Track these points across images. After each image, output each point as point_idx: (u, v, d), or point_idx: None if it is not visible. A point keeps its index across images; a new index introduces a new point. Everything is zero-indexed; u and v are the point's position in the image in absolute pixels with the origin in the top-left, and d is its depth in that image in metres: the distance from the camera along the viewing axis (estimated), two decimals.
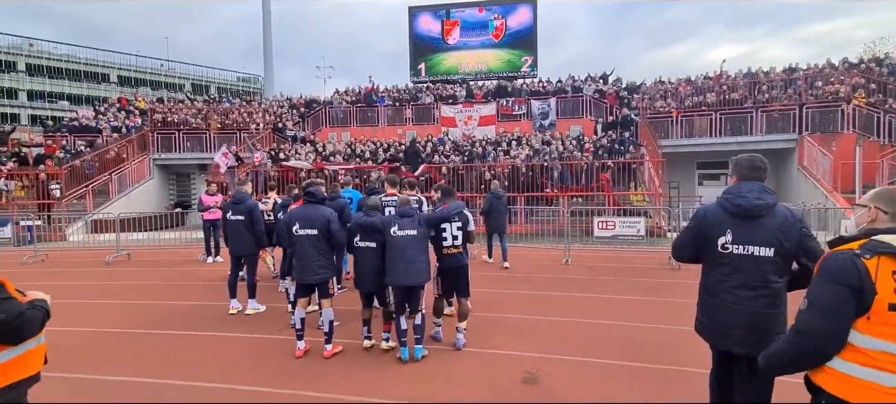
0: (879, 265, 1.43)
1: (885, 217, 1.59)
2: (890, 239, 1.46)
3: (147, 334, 5.18)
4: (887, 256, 1.43)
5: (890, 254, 1.42)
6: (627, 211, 11.07)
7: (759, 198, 2.30)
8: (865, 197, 1.71)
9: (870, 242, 1.48)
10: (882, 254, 1.43)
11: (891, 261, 1.43)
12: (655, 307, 5.95)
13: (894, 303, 1.39)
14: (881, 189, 1.68)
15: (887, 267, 1.42)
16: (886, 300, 1.40)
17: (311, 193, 4.31)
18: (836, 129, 14.03)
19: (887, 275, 1.41)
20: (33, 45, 48.40)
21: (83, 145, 17.58)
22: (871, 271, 1.43)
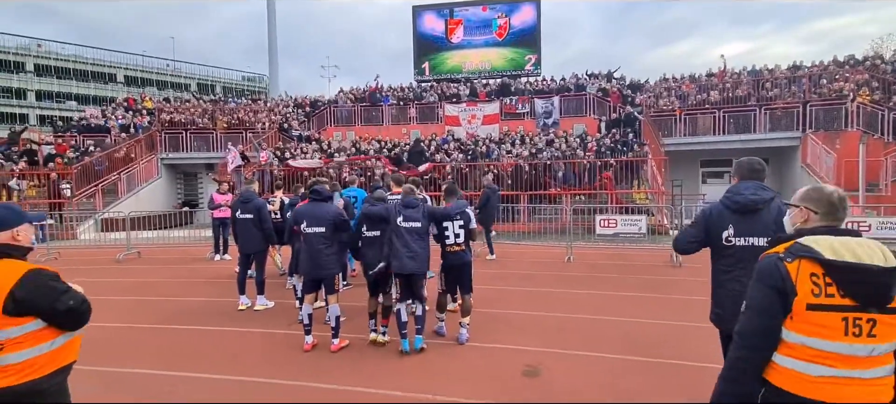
0: (800, 268, 1.52)
1: (815, 217, 1.68)
2: (811, 241, 1.55)
3: (160, 329, 5.35)
4: (807, 259, 1.52)
5: (810, 257, 1.51)
6: (629, 209, 11.15)
7: (755, 194, 2.58)
8: (795, 197, 1.79)
9: (793, 245, 1.58)
10: (802, 258, 1.53)
11: (810, 264, 1.51)
12: (657, 303, 6.04)
13: (812, 303, 1.49)
14: (809, 188, 1.76)
15: (807, 269, 1.51)
16: (805, 300, 1.50)
17: (316, 191, 4.46)
18: (841, 127, 14.02)
19: (806, 277, 1.51)
20: (41, 46, 48.90)
21: (92, 145, 17.84)
22: (792, 274, 1.52)
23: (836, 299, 1.48)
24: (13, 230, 2.01)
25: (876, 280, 1.46)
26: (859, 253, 1.49)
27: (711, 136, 15.97)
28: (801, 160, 14.43)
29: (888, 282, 1.47)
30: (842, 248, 1.50)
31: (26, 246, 2.05)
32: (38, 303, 1.87)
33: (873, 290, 1.47)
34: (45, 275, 1.94)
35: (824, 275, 1.50)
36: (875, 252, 1.50)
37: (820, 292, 1.49)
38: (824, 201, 1.67)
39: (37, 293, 1.87)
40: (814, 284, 1.50)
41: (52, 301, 1.90)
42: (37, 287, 1.88)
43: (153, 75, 54.32)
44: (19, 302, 1.83)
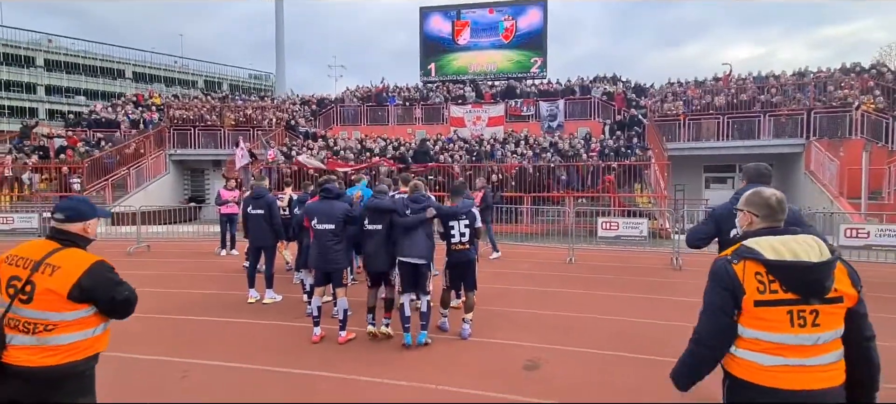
0: (745, 268, 1.67)
1: (758, 220, 1.83)
2: (754, 243, 1.70)
3: (173, 319, 5.52)
4: (751, 260, 1.67)
5: (753, 258, 1.67)
6: (631, 212, 11.26)
7: None
8: (740, 201, 1.94)
9: (739, 248, 1.73)
10: (747, 259, 1.68)
11: (754, 264, 1.67)
12: (656, 304, 6.17)
13: (758, 299, 1.64)
14: (751, 193, 1.90)
15: (751, 269, 1.66)
16: (752, 298, 1.65)
17: (326, 189, 4.62)
18: (844, 135, 14.07)
19: (751, 276, 1.66)
20: (52, 41, 49.47)
21: (102, 139, 18.13)
22: (739, 274, 1.68)
23: (780, 294, 1.62)
24: (86, 222, 2.16)
25: (812, 274, 1.61)
26: (797, 250, 1.63)
27: (715, 142, 16.05)
28: (804, 167, 14.49)
29: (823, 275, 1.61)
30: (781, 247, 1.65)
31: (92, 238, 2.20)
32: (99, 293, 2.02)
33: (811, 283, 1.62)
34: (107, 267, 2.09)
35: (767, 272, 1.64)
36: (812, 247, 1.64)
37: (765, 289, 1.64)
38: (763, 204, 1.82)
39: (100, 283, 2.02)
40: (758, 282, 1.65)
41: (111, 291, 2.05)
42: (101, 277, 2.03)
43: (161, 72, 54.84)
44: (85, 290, 1.98)
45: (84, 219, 2.16)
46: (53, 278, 1.95)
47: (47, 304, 1.95)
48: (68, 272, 1.97)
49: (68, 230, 2.12)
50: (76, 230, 2.13)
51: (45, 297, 1.95)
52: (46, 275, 1.96)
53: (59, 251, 2.03)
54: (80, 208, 2.18)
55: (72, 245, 2.09)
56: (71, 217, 2.13)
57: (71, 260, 2.01)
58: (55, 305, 1.96)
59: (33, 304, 1.95)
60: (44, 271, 1.96)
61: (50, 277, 1.96)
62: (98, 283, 2.01)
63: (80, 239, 2.14)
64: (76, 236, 2.13)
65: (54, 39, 49.74)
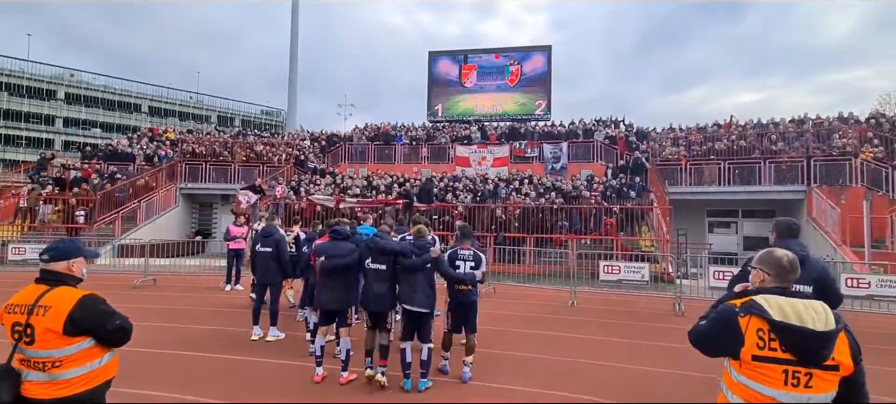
0: (750, 323, 1.80)
1: (769, 278, 1.96)
2: (763, 300, 1.82)
3: (177, 355, 5.60)
4: (757, 317, 1.79)
5: (760, 315, 1.79)
6: (633, 256, 11.31)
7: (802, 250, 3.04)
8: (754, 260, 2.08)
9: (749, 302, 1.85)
10: (754, 314, 1.81)
11: (759, 321, 1.77)
12: (659, 351, 6.16)
13: (756, 354, 1.77)
14: (763, 252, 2.04)
15: (755, 325, 1.79)
16: (750, 351, 1.78)
17: (336, 230, 4.79)
18: (845, 182, 14.19)
19: (753, 331, 1.78)
20: (74, 76, 51.36)
21: (116, 171, 18.58)
22: (743, 326, 1.80)
23: (778, 353, 1.74)
24: (69, 261, 2.33)
25: (812, 342, 1.72)
26: (803, 315, 1.74)
27: (717, 187, 16.20)
28: (806, 214, 14.55)
29: (822, 345, 1.72)
30: (789, 309, 1.76)
31: (78, 276, 2.35)
32: (91, 323, 2.18)
33: (809, 350, 1.72)
34: (97, 299, 2.26)
35: (769, 331, 1.76)
36: (819, 315, 1.75)
37: (764, 345, 1.76)
38: (775, 264, 1.96)
39: (90, 314, 2.18)
40: (759, 338, 1.77)
41: (103, 321, 2.21)
42: (91, 309, 2.19)
43: (176, 106, 56.47)
44: (77, 322, 2.14)
45: (67, 258, 2.32)
46: (47, 317, 2.12)
47: (48, 343, 2.12)
48: (59, 309, 2.14)
49: (53, 269, 2.29)
50: (61, 269, 2.30)
51: (44, 337, 2.12)
52: (41, 317, 2.13)
53: (48, 292, 2.20)
54: (62, 248, 2.36)
55: (59, 284, 2.25)
56: (54, 257, 2.30)
57: (60, 297, 2.18)
58: (55, 342, 2.12)
59: (36, 345, 2.12)
60: (38, 313, 2.14)
61: (44, 317, 2.13)
62: (88, 314, 2.17)
63: (67, 277, 2.30)
64: (62, 275, 2.29)
65: (76, 74, 51.66)
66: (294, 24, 35.94)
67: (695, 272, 11.82)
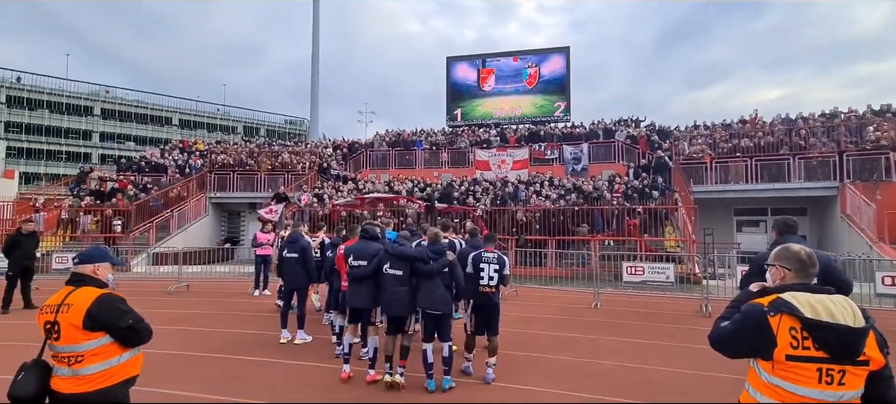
0: (780, 322, 1.75)
1: (790, 274, 1.93)
2: (792, 298, 1.78)
3: (210, 357, 5.85)
4: (788, 315, 1.75)
5: (790, 313, 1.74)
6: (658, 256, 11.14)
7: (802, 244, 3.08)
8: (770, 257, 2.04)
9: (777, 300, 1.80)
10: (784, 313, 1.76)
11: (790, 319, 1.74)
12: (684, 352, 6.09)
13: (790, 354, 1.72)
14: (781, 248, 2.00)
15: (787, 324, 1.74)
16: (784, 351, 1.73)
17: (366, 230, 4.97)
18: (881, 178, 13.65)
19: (786, 330, 1.74)
20: (109, 92, 53.77)
21: (149, 182, 19.40)
22: (774, 326, 1.75)
23: (812, 352, 1.71)
24: (94, 265, 2.56)
25: (847, 338, 1.69)
26: (834, 312, 1.71)
27: (744, 185, 15.80)
28: (840, 210, 14.05)
29: (856, 341, 1.70)
30: (819, 307, 1.73)
31: (103, 280, 2.56)
32: (106, 320, 2.36)
33: (844, 347, 1.70)
34: (114, 298, 2.46)
35: (802, 329, 1.72)
36: (847, 310, 1.72)
37: (798, 345, 1.72)
38: (795, 259, 1.93)
39: (106, 311, 2.37)
40: (792, 338, 1.73)
41: (116, 318, 2.39)
42: (107, 306, 2.38)
43: (204, 119, 58.41)
44: (94, 318, 2.33)
45: (92, 262, 2.55)
46: (70, 313, 2.35)
47: (71, 338, 2.33)
48: (79, 306, 2.35)
49: (80, 272, 2.52)
50: (87, 272, 2.53)
51: (68, 332, 2.34)
52: (65, 314, 2.35)
53: (73, 291, 2.43)
54: (89, 253, 2.60)
55: (84, 284, 2.47)
56: (81, 260, 2.56)
57: (82, 295, 2.40)
58: (76, 337, 2.33)
59: (62, 340, 2.35)
60: (63, 311, 2.36)
61: (68, 314, 2.35)
62: (103, 310, 2.35)
63: (90, 279, 2.51)
64: (87, 277, 2.51)
65: (111, 90, 54.08)
66: (315, 36, 36.79)
67: (722, 272, 11.56)
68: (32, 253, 8.88)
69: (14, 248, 8.55)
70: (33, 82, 49.86)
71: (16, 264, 8.50)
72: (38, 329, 2.42)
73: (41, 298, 9.04)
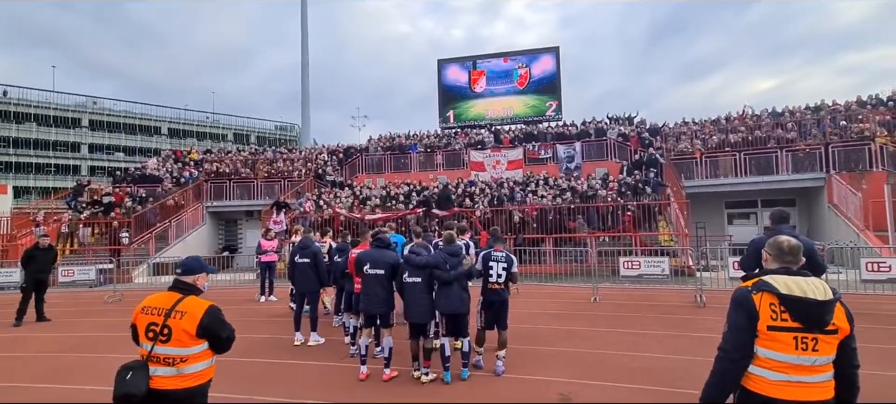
0: (762, 299, 2.09)
1: (771, 259, 2.26)
2: (771, 279, 2.13)
3: (230, 361, 6.01)
4: (768, 292, 2.10)
5: (769, 291, 2.09)
6: (652, 251, 11.48)
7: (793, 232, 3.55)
8: (765, 245, 2.35)
9: (759, 282, 2.16)
10: (764, 291, 2.11)
11: (770, 296, 2.08)
12: (682, 340, 6.40)
13: (771, 325, 2.07)
14: (773, 240, 2.31)
15: (767, 300, 2.09)
16: (766, 323, 2.08)
17: (379, 239, 5.20)
18: (865, 168, 14.13)
19: (766, 306, 2.08)
20: (97, 103, 53.29)
21: (144, 193, 19.39)
22: (757, 303, 2.09)
23: (789, 322, 2.05)
24: (195, 276, 2.84)
25: (816, 309, 2.02)
26: (805, 289, 2.05)
27: (733, 178, 16.23)
28: (827, 200, 14.52)
29: (824, 311, 2.03)
30: (793, 285, 2.07)
31: (201, 289, 2.84)
32: (213, 329, 2.64)
33: (814, 317, 2.03)
34: (219, 310, 2.73)
35: (780, 303, 2.06)
36: (818, 288, 2.06)
37: (776, 317, 2.06)
38: (776, 248, 2.26)
39: (214, 322, 2.65)
40: (772, 311, 2.07)
41: (220, 329, 2.67)
42: (215, 318, 2.67)
43: (194, 127, 58.07)
44: (205, 327, 2.61)
45: (196, 272, 2.83)
46: (184, 321, 2.58)
47: (181, 342, 2.58)
48: (194, 315, 2.60)
49: (185, 281, 2.78)
50: (190, 281, 2.79)
51: (180, 337, 2.58)
52: (178, 319, 2.59)
53: (183, 300, 2.66)
54: (191, 265, 2.86)
55: (190, 293, 2.73)
56: (186, 271, 2.81)
57: (194, 305, 2.64)
58: (187, 342, 2.59)
59: (171, 343, 2.58)
60: (175, 317, 2.60)
61: (181, 320, 2.59)
62: (213, 322, 2.64)
63: (194, 288, 2.79)
64: (191, 286, 2.78)
65: (99, 101, 53.60)
66: (304, 40, 36.86)
67: (715, 264, 11.93)
68: (48, 267, 9.18)
69: (30, 262, 8.77)
70: (20, 95, 49.33)
71: (31, 277, 8.70)
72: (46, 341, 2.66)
73: (50, 311, 9.18)
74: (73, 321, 8.96)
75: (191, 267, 2.83)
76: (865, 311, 7.31)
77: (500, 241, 5.39)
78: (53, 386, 5.40)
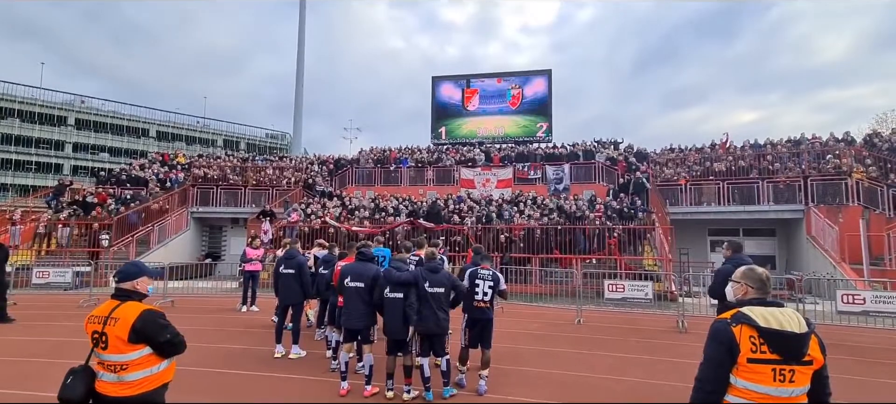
0: (741, 331, 2.10)
1: (752, 291, 2.30)
2: (749, 311, 2.15)
3: (208, 372, 5.91)
4: (747, 325, 2.12)
5: (748, 323, 2.11)
6: (636, 275, 11.61)
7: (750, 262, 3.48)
8: (736, 274, 2.40)
9: (737, 314, 2.18)
10: (743, 324, 2.13)
11: (749, 329, 2.08)
12: (663, 366, 6.45)
13: (751, 357, 2.09)
14: (746, 268, 2.37)
15: (747, 333, 2.11)
16: (746, 355, 2.09)
17: (362, 252, 5.17)
18: (842, 201, 14.54)
19: (746, 338, 2.10)
20: (84, 102, 52.46)
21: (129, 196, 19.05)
22: (737, 335, 2.09)
23: (768, 355, 2.08)
24: (133, 281, 2.78)
25: (794, 342, 2.07)
26: (782, 321, 2.09)
27: (717, 206, 16.55)
28: (805, 232, 14.87)
29: (802, 344, 2.08)
30: (770, 317, 2.11)
31: (143, 292, 2.80)
32: (148, 334, 2.60)
33: (792, 349, 2.08)
34: (156, 314, 2.69)
35: (759, 336, 2.09)
36: (793, 320, 2.11)
37: (756, 349, 2.09)
38: (757, 279, 2.31)
39: (148, 325, 2.61)
40: (751, 344, 2.10)
41: (157, 333, 2.63)
42: (150, 321, 2.62)
43: (183, 131, 57.40)
44: (138, 331, 2.57)
45: (132, 278, 2.78)
46: (116, 327, 2.58)
47: (117, 349, 2.57)
48: (126, 320, 2.59)
49: (123, 287, 2.75)
50: (128, 287, 2.76)
51: (114, 343, 2.57)
52: (112, 326, 2.59)
53: (119, 306, 2.66)
54: (127, 270, 2.83)
55: (128, 299, 2.70)
56: (122, 278, 2.78)
57: (127, 310, 2.63)
58: (121, 348, 2.57)
59: (109, 350, 2.58)
60: (110, 324, 2.60)
61: (114, 327, 2.58)
62: (147, 325, 2.60)
63: (133, 294, 2.75)
64: (130, 292, 2.75)
65: (87, 100, 52.80)
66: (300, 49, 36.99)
67: (697, 291, 12.09)
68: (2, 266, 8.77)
69: None
70: (5, 90, 48.33)
71: None
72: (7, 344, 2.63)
73: (19, 313, 8.90)
74: (42, 325, 8.70)
75: (127, 272, 2.79)
76: (840, 343, 7.47)
77: (487, 259, 5.40)
78: (7, 391, 5.23)
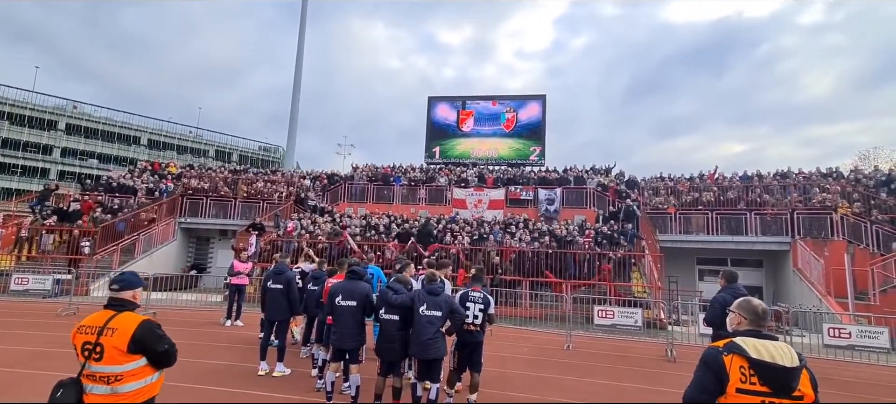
0: (732, 361, 2.12)
1: (746, 322, 2.33)
2: (742, 342, 2.17)
3: (191, 388, 5.74)
4: (738, 355, 2.14)
5: (740, 354, 2.14)
6: (626, 301, 11.61)
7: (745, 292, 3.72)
8: (733, 305, 2.44)
9: (730, 343, 2.20)
10: (735, 353, 2.15)
11: (739, 359, 2.11)
12: (651, 395, 6.40)
13: (740, 387, 2.10)
14: (742, 300, 2.41)
15: (737, 362, 2.13)
16: (735, 385, 2.11)
17: (353, 271, 5.10)
18: (827, 235, 14.78)
19: (736, 368, 2.12)
20: (76, 107, 51.99)
21: (117, 204, 18.75)
22: (727, 365, 2.12)
23: (757, 387, 2.09)
24: (134, 291, 2.76)
25: (784, 376, 2.08)
26: (774, 354, 2.10)
27: (705, 236, 16.73)
28: (792, 264, 15.05)
29: (792, 378, 2.09)
30: (762, 349, 2.12)
31: (138, 303, 2.78)
32: (147, 344, 2.56)
33: (782, 383, 2.08)
34: (153, 324, 2.65)
35: (749, 367, 2.10)
36: (785, 353, 2.12)
37: (745, 380, 2.10)
38: (752, 311, 2.34)
39: (147, 336, 2.57)
40: (741, 374, 2.11)
41: (155, 343, 2.59)
42: (148, 332, 2.59)
43: (175, 140, 56.95)
44: (137, 342, 2.53)
45: (133, 287, 2.78)
46: (115, 337, 2.53)
47: (113, 359, 2.51)
48: (124, 330, 2.54)
49: (122, 297, 2.71)
50: (127, 297, 2.73)
51: (111, 354, 2.51)
52: (109, 337, 2.53)
53: (115, 316, 2.61)
54: (129, 279, 2.80)
55: (124, 309, 2.66)
56: (123, 287, 2.74)
57: (126, 320, 2.59)
58: (118, 359, 2.52)
59: (104, 361, 2.51)
60: (106, 334, 2.54)
61: (112, 337, 2.53)
62: (146, 336, 2.57)
63: (130, 304, 2.72)
64: (127, 302, 2.71)
65: (79, 106, 52.34)
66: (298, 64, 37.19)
67: (686, 319, 12.11)
68: None
69: None
70: None
71: None
72: None
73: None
74: (20, 333, 8.44)
75: (129, 281, 2.77)
76: (826, 377, 7.49)
77: (480, 282, 5.35)
78: None
